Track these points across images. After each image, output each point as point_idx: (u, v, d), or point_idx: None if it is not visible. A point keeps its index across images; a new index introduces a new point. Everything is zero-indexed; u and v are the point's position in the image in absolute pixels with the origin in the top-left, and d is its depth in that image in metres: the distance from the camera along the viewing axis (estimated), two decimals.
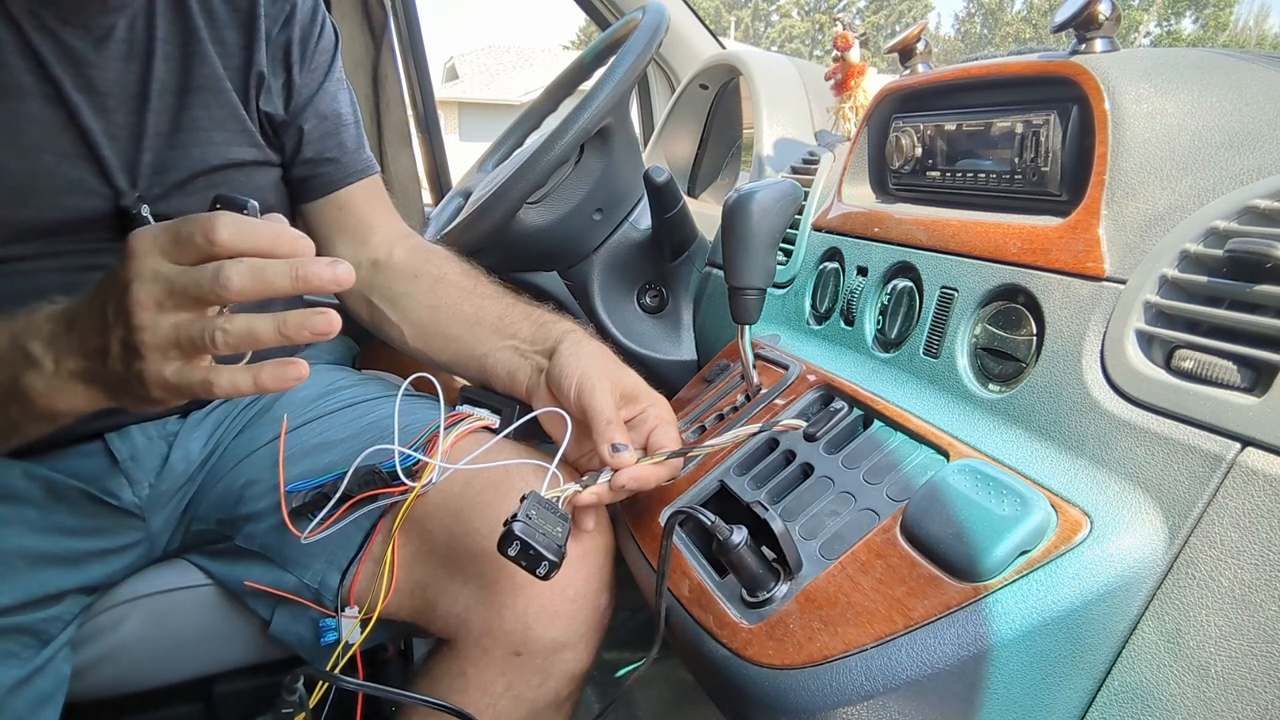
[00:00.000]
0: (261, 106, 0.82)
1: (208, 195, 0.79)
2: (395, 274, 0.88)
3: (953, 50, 32.08)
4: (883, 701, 0.47)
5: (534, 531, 0.55)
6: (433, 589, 0.72)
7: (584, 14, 1.74)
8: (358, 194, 0.91)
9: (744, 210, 0.71)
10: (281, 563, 0.76)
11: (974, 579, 0.47)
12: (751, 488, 0.66)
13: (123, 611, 0.79)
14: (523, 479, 0.71)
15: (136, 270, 0.51)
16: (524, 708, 0.70)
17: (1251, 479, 0.41)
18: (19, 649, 0.68)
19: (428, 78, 1.77)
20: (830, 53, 1.08)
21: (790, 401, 0.72)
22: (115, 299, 0.52)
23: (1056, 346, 0.55)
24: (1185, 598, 0.43)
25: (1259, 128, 0.56)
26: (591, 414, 0.65)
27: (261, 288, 0.50)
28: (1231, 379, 0.45)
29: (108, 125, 0.73)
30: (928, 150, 0.74)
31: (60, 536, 0.73)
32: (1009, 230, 0.62)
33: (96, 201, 0.73)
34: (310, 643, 0.76)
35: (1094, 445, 0.50)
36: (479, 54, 22.87)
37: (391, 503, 0.71)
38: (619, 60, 1.00)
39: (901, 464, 0.58)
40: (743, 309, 0.74)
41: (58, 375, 0.56)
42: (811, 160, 1.02)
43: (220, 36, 0.80)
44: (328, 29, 0.88)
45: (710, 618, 0.57)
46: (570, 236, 1.13)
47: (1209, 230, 0.49)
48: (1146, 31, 31.10)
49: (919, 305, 0.69)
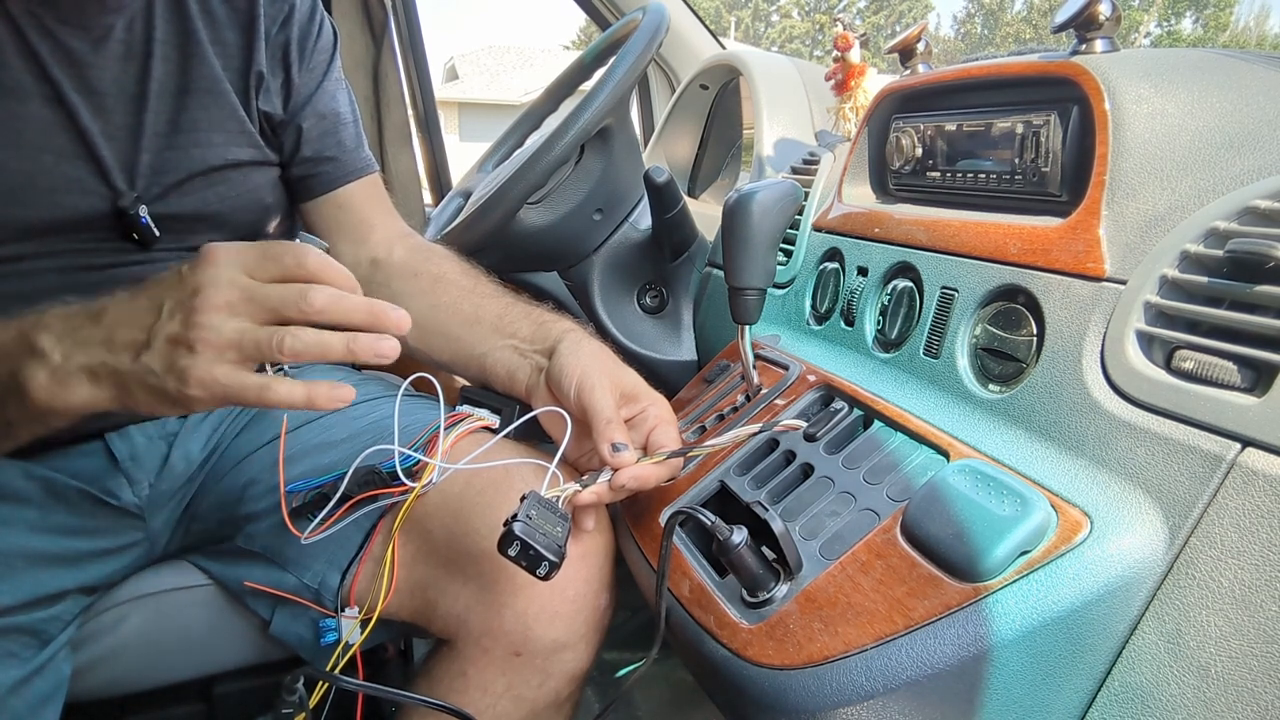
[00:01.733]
0: (260, 106, 0.82)
1: (206, 195, 0.80)
2: (395, 273, 0.88)
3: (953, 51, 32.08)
4: (883, 702, 0.47)
5: (534, 532, 0.55)
6: (433, 589, 0.72)
7: (584, 14, 1.74)
8: (357, 193, 0.91)
9: (744, 210, 0.71)
10: (281, 563, 0.76)
11: (974, 579, 0.47)
12: (751, 488, 0.66)
13: (123, 611, 0.79)
14: (523, 479, 0.71)
15: (213, 276, 0.54)
16: (524, 708, 0.70)
17: (1251, 479, 0.41)
18: (19, 649, 0.68)
19: (428, 78, 1.78)
20: (830, 53, 1.08)
21: (790, 402, 0.72)
22: (178, 297, 0.54)
23: (1057, 347, 0.55)
24: (1185, 598, 0.43)
25: (1259, 128, 0.56)
26: (591, 413, 0.65)
27: (340, 316, 0.55)
28: (1231, 379, 0.45)
29: (106, 125, 0.73)
30: (928, 150, 0.74)
31: (60, 536, 0.73)
32: (1009, 230, 0.62)
33: (94, 201, 0.73)
34: (310, 643, 0.76)
35: (1094, 445, 0.50)
36: (479, 54, 22.86)
37: (391, 503, 0.71)
38: (619, 60, 1.00)
39: (902, 464, 0.58)
40: (743, 309, 0.74)
41: (64, 369, 0.56)
42: (811, 160, 1.02)
43: (219, 37, 0.80)
44: (326, 28, 0.88)
45: (710, 618, 0.57)
46: (570, 237, 1.13)
47: (1209, 230, 0.49)
48: (1147, 32, 31.11)
49: (919, 305, 0.69)
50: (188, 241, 0.80)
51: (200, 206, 0.79)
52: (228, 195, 0.81)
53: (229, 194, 0.81)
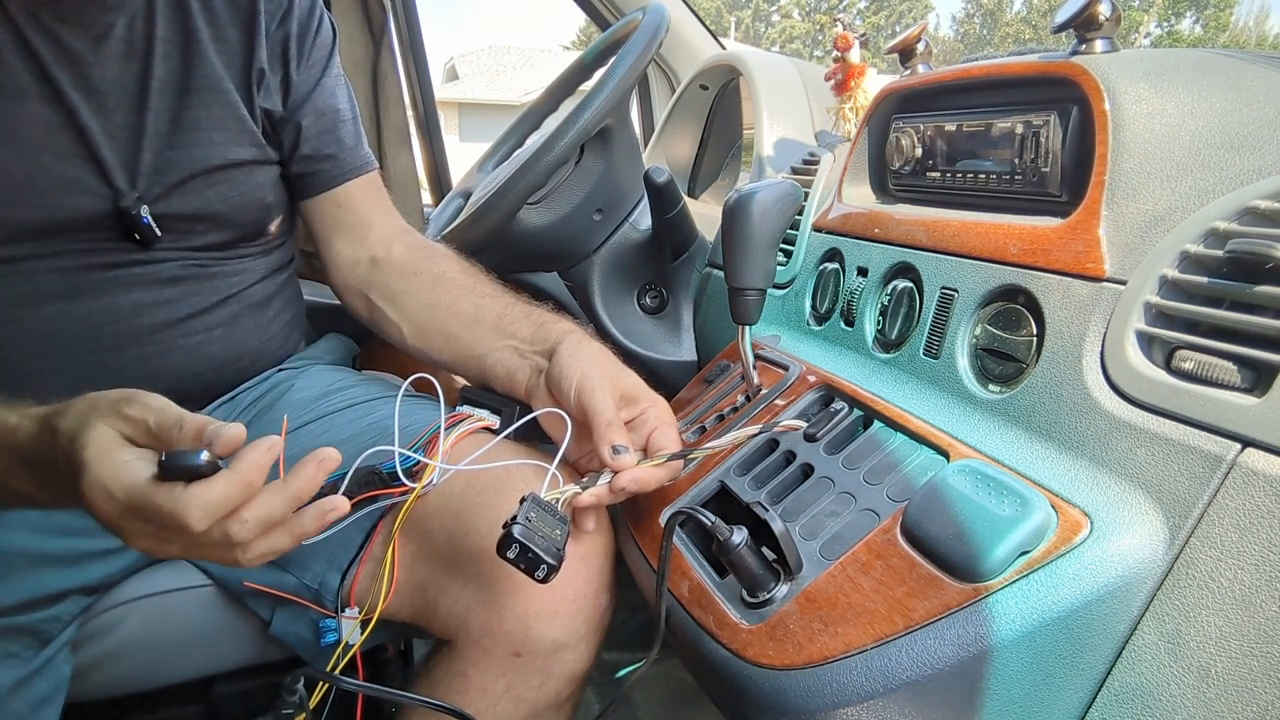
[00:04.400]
0: (261, 104, 0.82)
1: (208, 195, 0.80)
2: (394, 271, 0.88)
3: (952, 51, 32.08)
4: (883, 702, 0.47)
5: (533, 534, 0.55)
6: (433, 589, 0.72)
7: (584, 14, 1.74)
8: (356, 191, 0.91)
9: (744, 211, 0.71)
10: (281, 563, 0.76)
11: (974, 579, 0.47)
12: (752, 488, 0.66)
13: (123, 612, 0.79)
14: (523, 480, 0.71)
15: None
16: (524, 708, 0.70)
17: (1251, 479, 0.41)
18: (19, 649, 0.68)
19: (428, 78, 1.77)
20: (830, 53, 1.08)
21: (790, 402, 0.72)
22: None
23: (1056, 347, 0.55)
24: (1185, 598, 0.43)
25: (1259, 128, 0.56)
26: (591, 415, 0.65)
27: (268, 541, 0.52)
28: (1231, 379, 0.45)
29: (106, 125, 0.73)
30: (928, 151, 0.74)
31: (60, 536, 0.73)
32: (1009, 231, 0.62)
33: (95, 202, 0.73)
34: (310, 643, 0.76)
35: (1094, 446, 0.50)
36: (479, 54, 22.85)
37: (392, 503, 0.71)
38: (619, 61, 1.00)
39: (902, 464, 0.58)
40: (743, 309, 0.74)
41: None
42: (811, 161, 1.02)
43: (221, 35, 0.80)
44: (325, 24, 0.88)
45: (710, 618, 0.57)
46: (570, 237, 1.13)
47: (1209, 231, 0.49)
48: (1146, 32, 31.10)
49: (919, 306, 0.69)
50: (189, 241, 0.80)
51: (202, 206, 0.79)
52: (229, 195, 0.81)
53: (230, 193, 0.81)
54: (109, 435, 0.51)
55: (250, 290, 0.86)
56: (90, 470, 0.49)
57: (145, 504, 0.49)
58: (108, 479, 0.49)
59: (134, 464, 0.50)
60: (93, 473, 0.49)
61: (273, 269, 0.89)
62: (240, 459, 0.49)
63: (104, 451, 0.50)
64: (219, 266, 0.83)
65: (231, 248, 0.84)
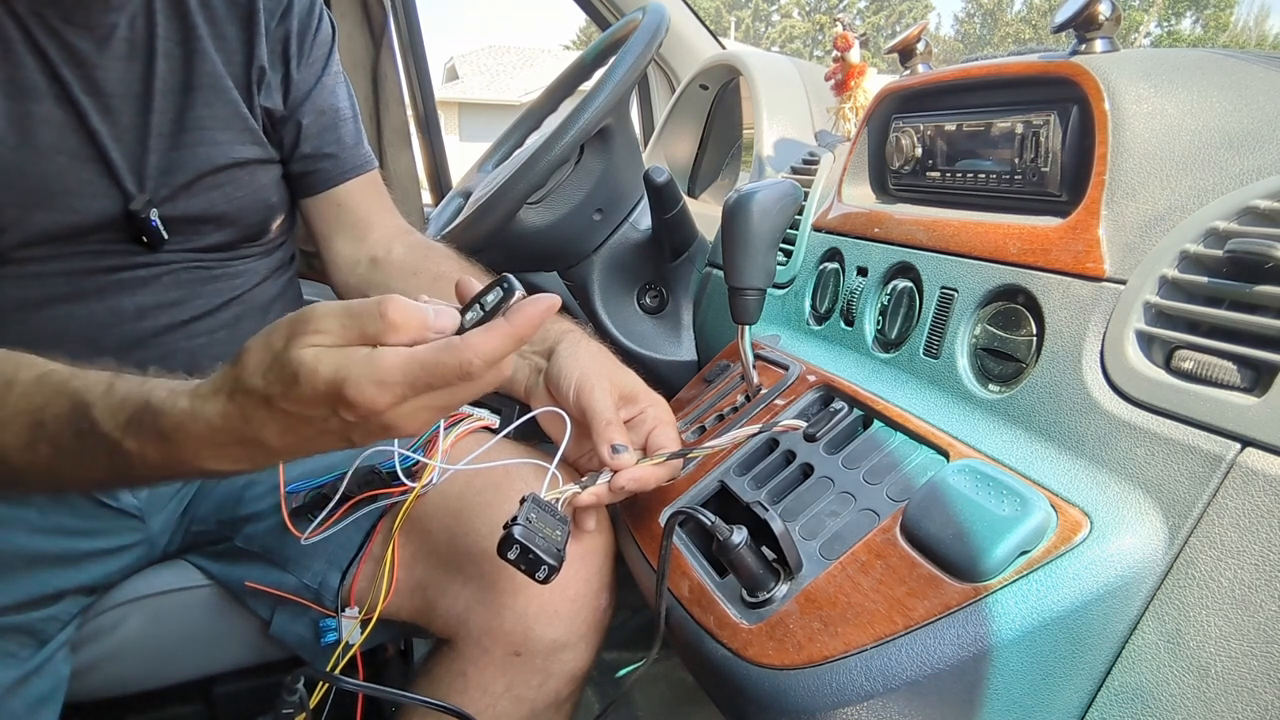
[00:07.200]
0: (262, 102, 0.82)
1: (213, 196, 0.80)
2: (394, 271, 0.88)
3: (952, 51, 32.08)
4: (883, 702, 0.47)
5: (533, 535, 0.55)
6: (433, 589, 0.72)
7: (584, 14, 1.74)
8: (356, 190, 0.91)
9: (744, 211, 0.71)
10: (281, 563, 0.76)
11: (974, 579, 0.47)
12: (751, 488, 0.65)
13: (122, 612, 0.79)
14: (523, 479, 0.71)
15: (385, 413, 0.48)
16: (524, 708, 0.70)
17: (1251, 479, 0.41)
18: (17, 649, 0.68)
19: (428, 78, 1.77)
20: (830, 53, 1.08)
21: (790, 402, 0.72)
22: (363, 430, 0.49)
23: (1056, 347, 0.55)
24: (1185, 598, 0.43)
25: (1259, 128, 0.56)
26: (591, 414, 0.65)
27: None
28: (1231, 379, 0.45)
29: (113, 127, 0.73)
30: (928, 150, 0.74)
31: (60, 537, 0.73)
32: (1009, 230, 0.62)
33: (106, 205, 0.73)
34: (310, 643, 0.76)
35: (1094, 445, 0.50)
36: (479, 54, 22.86)
37: (391, 503, 0.71)
38: (619, 61, 1.00)
39: (901, 464, 0.58)
40: (743, 309, 0.74)
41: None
42: (811, 160, 1.02)
43: (220, 33, 0.79)
44: (325, 22, 0.88)
45: (710, 618, 0.57)
46: (570, 237, 1.13)
47: (1209, 231, 0.49)
48: (1146, 32, 31.10)
49: (919, 305, 0.69)
50: (194, 242, 0.80)
51: (207, 207, 0.79)
52: (234, 195, 0.80)
53: (235, 194, 0.81)
54: (333, 351, 0.47)
55: (253, 292, 0.86)
56: (350, 385, 0.45)
57: (433, 367, 0.46)
58: (375, 373, 0.46)
59: (386, 352, 0.47)
60: (354, 381, 0.45)
61: (274, 270, 0.89)
62: (518, 312, 0.48)
63: (349, 358, 0.46)
64: (222, 268, 0.83)
65: (234, 248, 0.84)
